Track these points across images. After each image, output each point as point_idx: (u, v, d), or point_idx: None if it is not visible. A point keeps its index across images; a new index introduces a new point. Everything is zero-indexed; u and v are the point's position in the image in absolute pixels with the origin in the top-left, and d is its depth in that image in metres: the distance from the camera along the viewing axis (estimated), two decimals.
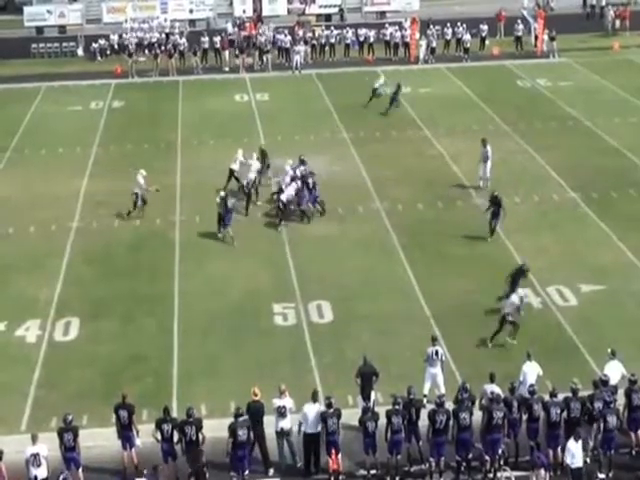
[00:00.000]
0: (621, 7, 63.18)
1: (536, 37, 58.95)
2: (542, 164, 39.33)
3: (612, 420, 21.19)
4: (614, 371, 23.06)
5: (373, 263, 31.05)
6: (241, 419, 21.02)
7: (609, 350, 23.52)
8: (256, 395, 21.72)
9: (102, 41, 59.40)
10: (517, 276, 27.69)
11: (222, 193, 33.16)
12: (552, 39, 57.54)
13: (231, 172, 36.14)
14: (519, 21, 59.76)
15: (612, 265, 30.62)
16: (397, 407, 21.23)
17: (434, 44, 57.40)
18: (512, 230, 33.03)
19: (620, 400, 22.26)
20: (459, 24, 58.86)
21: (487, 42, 58.92)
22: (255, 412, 21.55)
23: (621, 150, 40.68)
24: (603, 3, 65.62)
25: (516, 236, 32.63)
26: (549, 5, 67.96)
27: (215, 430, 21.50)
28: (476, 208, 34.83)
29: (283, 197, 33.87)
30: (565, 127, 44.02)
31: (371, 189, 36.95)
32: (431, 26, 58.62)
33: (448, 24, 59.25)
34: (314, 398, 21.68)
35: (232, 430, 20.81)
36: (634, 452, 22.00)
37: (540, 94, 49.48)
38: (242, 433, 20.82)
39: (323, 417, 21.22)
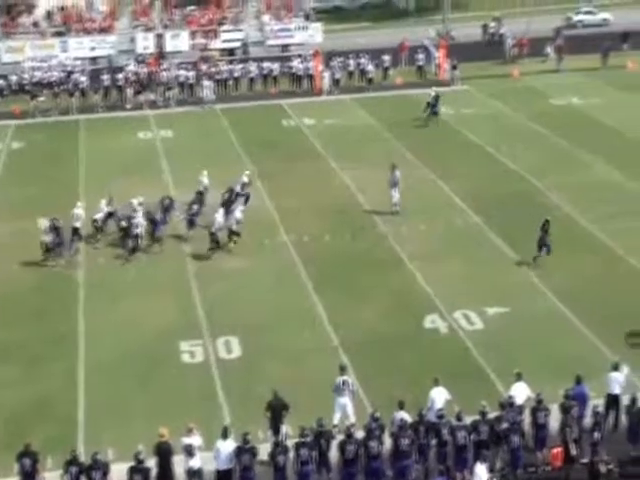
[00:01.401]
0: (519, 35, 64.74)
1: (438, 66, 60.07)
2: (446, 191, 40.04)
3: (516, 440, 21.63)
4: (520, 392, 23.52)
5: (281, 296, 31.20)
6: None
7: (515, 371, 23.98)
8: (163, 436, 21.59)
9: (0, 81, 58.70)
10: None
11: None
12: (454, 67, 58.71)
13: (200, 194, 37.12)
14: (419, 50, 60.74)
15: (516, 287, 31.30)
16: (305, 439, 21.32)
17: (338, 75, 58.10)
18: (417, 257, 33.55)
19: (527, 420, 22.73)
20: (362, 55, 59.68)
21: (390, 72, 59.81)
22: (163, 452, 21.42)
23: (523, 174, 41.66)
24: (502, 31, 67.23)
25: (421, 263, 33.13)
26: (450, 34, 69.38)
27: (123, 474, 21.28)
28: (383, 237, 35.28)
29: (213, 228, 34.14)
30: (469, 154, 44.91)
31: (278, 221, 37.17)
32: (334, 58, 59.31)
33: (351, 55, 60.01)
34: (224, 434, 21.65)
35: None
36: (540, 470, 22.43)
37: (443, 122, 50.39)
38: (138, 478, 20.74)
39: (237, 453, 21.21)
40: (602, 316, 29.05)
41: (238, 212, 35.02)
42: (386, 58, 59.75)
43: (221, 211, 34.94)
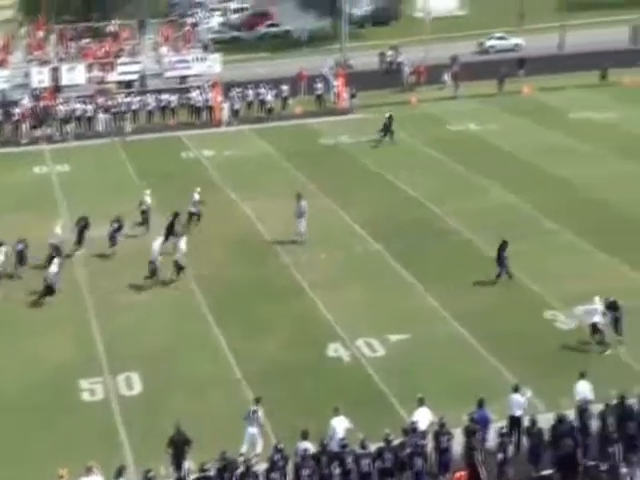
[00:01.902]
0: (416, 64, 65.82)
1: (337, 94, 60.68)
2: (347, 219, 40.41)
3: (419, 463, 21.86)
4: (423, 417, 23.78)
5: (183, 328, 31.05)
6: None
7: (417, 397, 24.25)
8: (62, 476, 21.25)
9: None
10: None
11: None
12: (353, 96, 59.41)
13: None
14: (317, 80, 61.25)
15: (417, 313, 31.72)
16: (205, 474, 21.21)
17: (237, 106, 58.25)
18: (319, 285, 33.76)
19: (430, 444, 23.00)
20: (261, 85, 59.97)
21: (289, 102, 60.20)
22: None
23: (422, 201, 42.30)
24: (400, 59, 68.29)
25: (323, 291, 33.35)
26: (348, 63, 70.16)
27: None
28: (284, 266, 35.41)
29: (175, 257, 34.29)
30: (368, 181, 45.40)
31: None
32: (233, 88, 59.47)
33: (250, 85, 60.22)
34: (118, 474, 21.37)
35: None
36: None
37: (343, 151, 50.88)
38: None
39: None
40: (501, 339, 29.60)
41: (182, 242, 34.82)
42: (285, 88, 60.14)
43: (159, 239, 34.91)
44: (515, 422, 24.19)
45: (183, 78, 66.58)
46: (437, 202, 41.93)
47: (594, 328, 29.36)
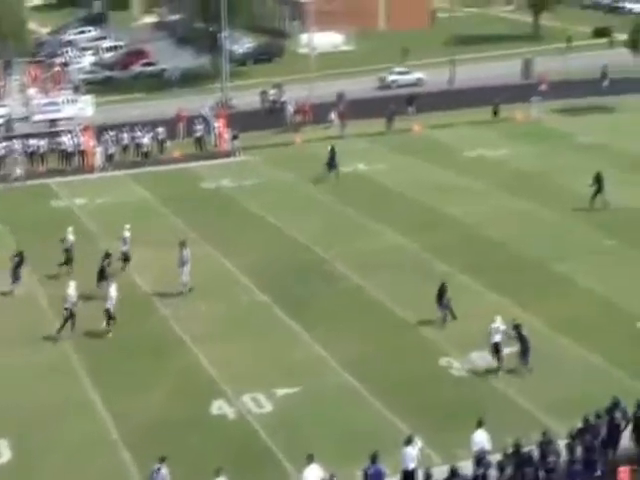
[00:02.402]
0: (300, 102, 66.63)
1: (218, 136, 61.02)
2: (231, 267, 40.60)
3: None
4: (313, 475, 23.95)
5: (55, 390, 30.71)
6: None
7: (307, 454, 24.42)
8: None
9: None
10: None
11: None
12: (235, 137, 59.81)
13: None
14: (196, 121, 61.47)
15: (305, 364, 32.01)
16: None
17: (111, 150, 58.08)
18: (202, 339, 33.83)
19: None
20: (136, 128, 59.95)
21: (167, 145, 60.29)
22: None
23: (309, 245, 42.79)
24: (283, 99, 69.04)
25: (206, 345, 33.42)
26: (229, 103, 70.71)
27: None
28: (164, 319, 35.35)
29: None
30: (252, 226, 45.74)
31: (46, 308, 36.70)
32: (107, 131, 59.27)
33: (125, 128, 60.14)
34: None
35: None
36: None
37: (226, 195, 51.17)
38: None
39: None
40: (394, 388, 30.13)
41: (113, 289, 34.80)
42: (161, 130, 60.22)
43: (73, 284, 34.95)
44: (409, 476, 24.56)
45: (53, 122, 66.07)
46: (325, 246, 42.51)
47: (495, 348, 30.73)
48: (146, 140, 59.08)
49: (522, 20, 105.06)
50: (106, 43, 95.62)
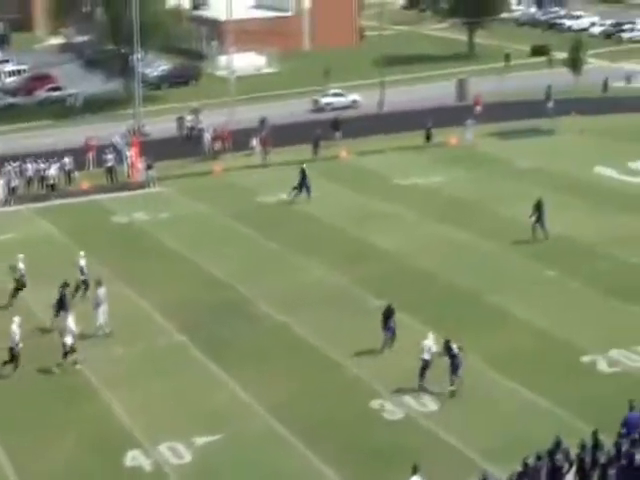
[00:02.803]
0: (219, 128, 66.78)
1: (131, 166, 60.99)
2: (146, 306, 40.58)
3: None
4: None
5: None
6: None
7: None
8: None
9: None
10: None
11: None
12: (149, 167, 59.79)
13: None
14: (106, 150, 61.37)
15: (227, 409, 32.14)
16: None
17: (14, 183, 57.71)
18: (115, 383, 33.76)
19: None
20: (41, 158, 59.69)
21: (75, 176, 60.07)
22: None
23: (230, 282, 42.96)
24: (201, 125, 69.21)
25: (120, 390, 33.37)
26: (143, 130, 70.73)
27: None
28: (73, 363, 35.21)
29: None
30: (170, 263, 45.81)
31: None
32: (9, 163, 58.89)
33: (29, 159, 59.83)
34: None
35: None
36: None
37: (140, 229, 51.16)
38: None
39: None
40: (323, 433, 30.42)
41: (71, 322, 34.91)
42: (68, 160, 59.99)
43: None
44: None
45: None
46: (246, 282, 42.75)
47: (424, 365, 32.03)
48: (52, 171, 58.80)
49: (456, 38, 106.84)
50: (8, 67, 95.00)
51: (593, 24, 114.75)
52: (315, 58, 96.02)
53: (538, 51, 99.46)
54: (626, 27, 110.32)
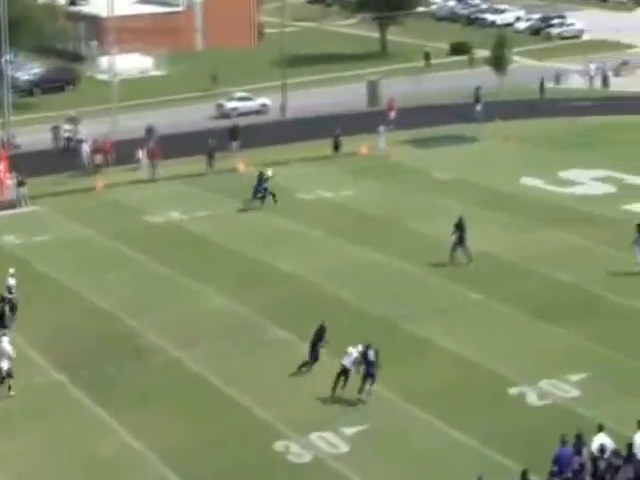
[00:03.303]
0: (100, 139, 66.39)
1: None
2: (20, 342, 40.08)
3: None
4: None
5: None
6: None
7: None
8: None
9: None
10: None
11: None
12: (20, 184, 59.28)
13: None
14: None
15: (114, 458, 32.01)
16: None
17: None
18: None
19: None
20: None
21: None
22: None
23: (115, 313, 42.85)
24: (80, 135, 68.72)
25: None
26: (13, 142, 70.10)
27: None
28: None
29: None
30: (46, 293, 45.46)
31: None
32: None
33: None
34: None
35: None
36: None
37: (10, 254, 50.69)
38: None
39: None
40: (220, 477, 30.57)
41: (6, 343, 35.15)
42: None
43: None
44: None
45: None
46: (134, 313, 42.70)
47: (342, 371, 33.77)
48: None
49: (367, 36, 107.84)
50: None
51: (518, 19, 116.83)
52: (208, 59, 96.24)
53: (458, 49, 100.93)
54: (555, 22, 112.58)
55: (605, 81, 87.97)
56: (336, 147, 67.12)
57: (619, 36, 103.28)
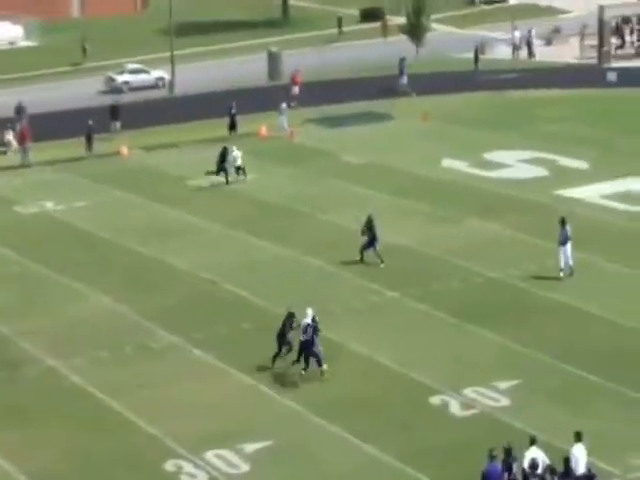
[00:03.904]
0: None
1: None
2: None
3: None
4: None
5: None
6: None
7: None
8: None
9: None
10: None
11: None
12: None
13: None
14: None
15: None
16: None
17: None
18: None
19: None
20: None
21: None
22: None
23: None
24: None
25: None
26: None
27: None
28: None
29: None
30: None
31: None
32: None
33: None
34: None
35: None
36: None
37: None
38: None
39: None
40: None
41: None
42: None
43: None
44: None
45: None
46: (3, 318, 42.29)
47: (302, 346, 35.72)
48: None
49: (266, 0, 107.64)
50: None
51: None
52: (86, 28, 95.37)
53: (369, 15, 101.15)
54: None
55: (530, 50, 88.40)
56: (232, 127, 66.96)
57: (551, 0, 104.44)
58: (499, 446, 29.11)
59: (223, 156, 57.76)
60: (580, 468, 28.67)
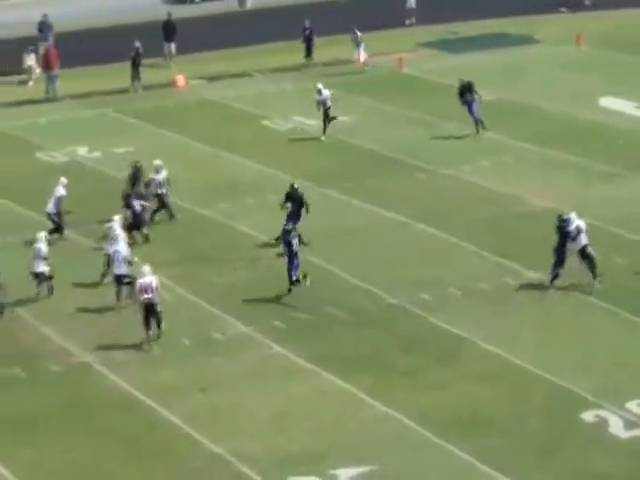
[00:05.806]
0: None
1: None
2: None
3: None
4: None
5: None
6: None
7: None
8: None
9: None
10: None
11: None
12: None
13: None
14: None
15: None
16: None
17: None
18: None
19: None
20: None
21: None
22: None
23: None
24: None
25: None
26: None
27: None
28: None
29: None
30: None
31: None
32: None
33: None
34: None
35: None
36: None
37: None
38: None
39: None
40: None
41: None
42: None
43: None
44: None
45: None
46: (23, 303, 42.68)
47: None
48: None
49: None
50: None
51: None
52: None
53: None
54: None
55: None
56: (308, 52, 67.37)
57: None
58: None
59: None
60: None
